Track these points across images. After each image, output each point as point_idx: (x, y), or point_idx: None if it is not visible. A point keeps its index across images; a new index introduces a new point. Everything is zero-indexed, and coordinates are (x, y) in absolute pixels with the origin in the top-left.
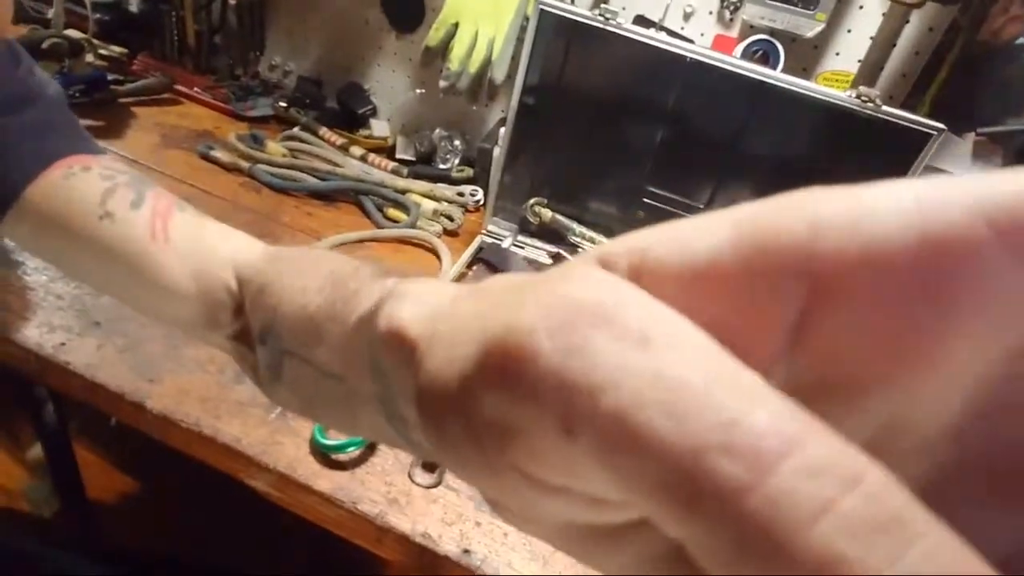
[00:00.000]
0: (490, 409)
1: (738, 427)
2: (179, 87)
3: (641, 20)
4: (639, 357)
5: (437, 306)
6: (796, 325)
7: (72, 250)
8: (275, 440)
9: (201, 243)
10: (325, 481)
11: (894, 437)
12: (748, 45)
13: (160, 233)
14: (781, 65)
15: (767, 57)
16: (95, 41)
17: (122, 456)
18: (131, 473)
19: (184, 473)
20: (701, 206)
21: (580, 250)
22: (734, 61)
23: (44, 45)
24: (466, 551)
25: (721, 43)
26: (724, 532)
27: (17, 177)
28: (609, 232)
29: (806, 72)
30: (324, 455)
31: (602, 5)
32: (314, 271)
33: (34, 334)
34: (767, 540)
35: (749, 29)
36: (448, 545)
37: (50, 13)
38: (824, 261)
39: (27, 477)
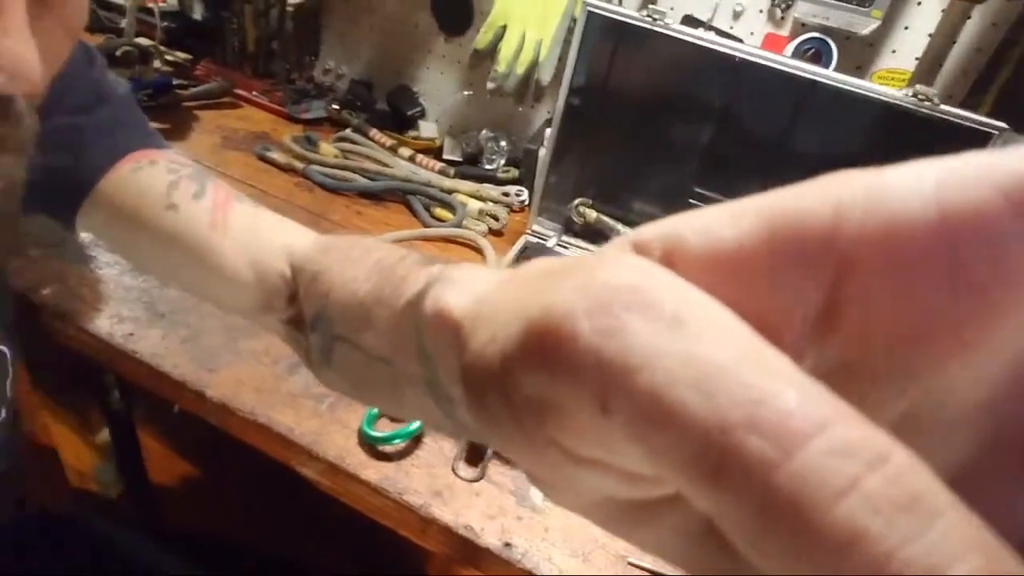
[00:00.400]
0: (530, 387)
1: (767, 406)
2: (238, 91)
3: (689, 20)
4: (672, 338)
5: (481, 290)
6: (824, 308)
7: (141, 239)
8: (325, 431)
9: (258, 233)
10: (372, 471)
11: (929, 413)
12: (800, 43)
13: (220, 223)
14: (834, 64)
15: (819, 55)
16: (162, 48)
17: (183, 443)
18: (191, 459)
19: (240, 460)
20: None
21: None
22: (784, 60)
23: (117, 53)
24: (507, 544)
25: (772, 42)
26: (750, 506)
27: (92, 171)
28: None
29: (860, 71)
30: (371, 446)
31: (650, 6)
32: (363, 260)
33: (105, 324)
34: (793, 515)
35: (801, 27)
36: (490, 538)
37: (123, 23)
38: (848, 241)
39: (96, 459)
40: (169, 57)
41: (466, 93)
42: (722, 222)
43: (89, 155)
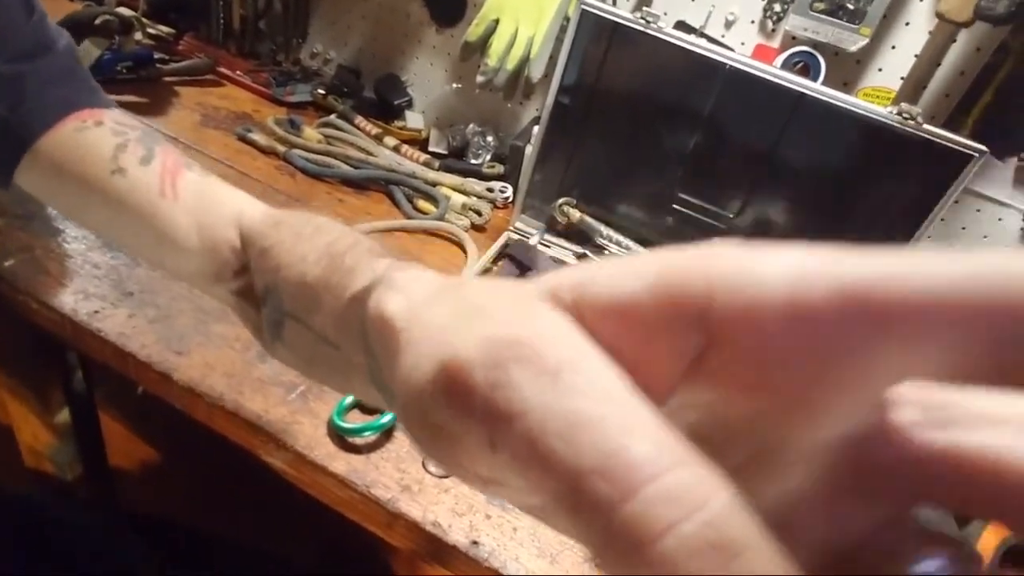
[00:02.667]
0: (438, 418)
1: (616, 457)
2: (222, 69)
3: (682, 26)
4: (550, 392)
5: (418, 304)
6: (695, 363)
7: (84, 202)
8: (295, 419)
9: (208, 201)
10: (340, 463)
11: (774, 452)
12: (789, 56)
13: (169, 190)
14: (822, 78)
15: (808, 69)
16: (144, 20)
17: (145, 426)
18: (152, 443)
19: (204, 446)
20: (731, 216)
21: (606, 252)
22: (774, 71)
23: (96, 21)
24: (474, 543)
25: (762, 53)
26: (597, 536)
27: (32, 125)
28: (637, 236)
29: (847, 86)
30: (341, 438)
31: (644, 8)
32: (314, 239)
33: (70, 300)
34: (625, 549)
35: (791, 40)
36: (457, 535)
37: None
38: (715, 315)
39: (53, 440)
40: (151, 30)
41: (455, 86)
42: (624, 278)
43: (29, 108)
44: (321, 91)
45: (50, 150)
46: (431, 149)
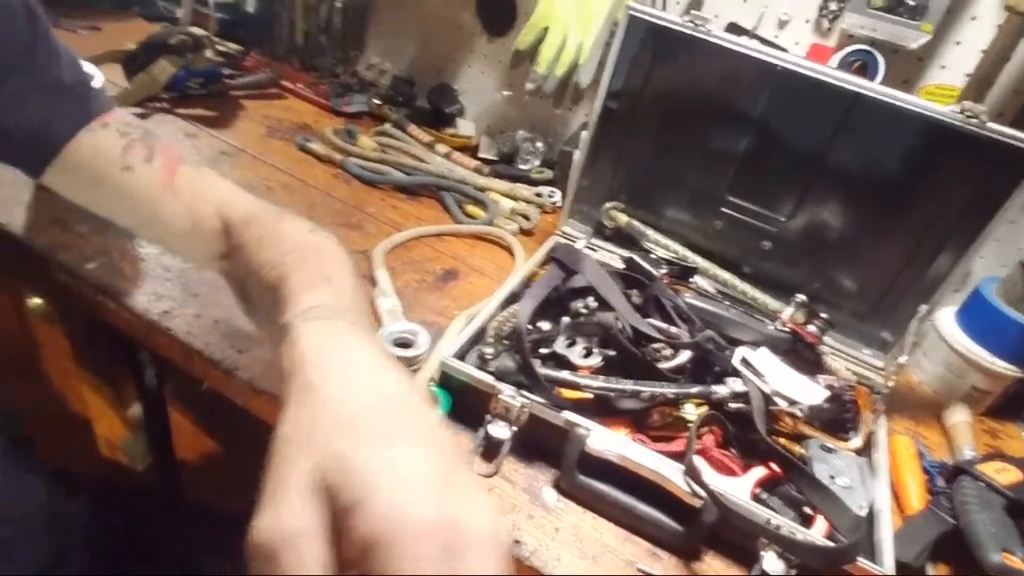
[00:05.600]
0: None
1: None
2: (284, 83)
3: (734, 28)
4: None
5: (295, 373)
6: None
7: (101, 196)
8: None
9: (199, 194)
10: None
11: None
12: (846, 55)
13: (168, 184)
14: (880, 77)
15: (865, 68)
16: (215, 39)
17: (208, 420)
18: (215, 437)
19: (262, 441)
20: (783, 219)
21: (652, 256)
22: (829, 71)
23: (172, 41)
24: (516, 542)
25: (817, 52)
26: None
27: (60, 133)
28: (685, 240)
29: (907, 85)
30: None
31: (693, 12)
32: (273, 245)
33: (142, 301)
34: None
35: (848, 39)
36: None
37: (179, 12)
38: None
39: (126, 432)
40: (221, 47)
41: (505, 93)
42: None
43: (58, 118)
44: (376, 101)
45: (71, 153)
46: (481, 155)
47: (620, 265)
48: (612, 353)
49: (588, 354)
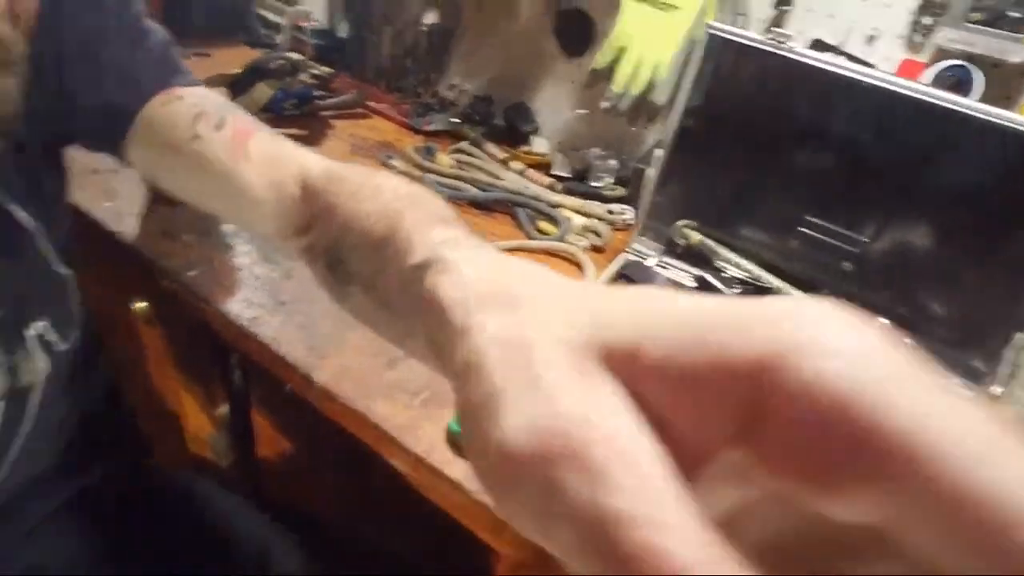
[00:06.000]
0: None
1: (657, 558)
2: (370, 103)
3: (819, 44)
4: (598, 493)
5: (472, 302)
6: (735, 434)
7: (172, 166)
8: (416, 425)
9: (275, 159)
10: (456, 469)
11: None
12: (940, 71)
13: (240, 150)
14: (978, 93)
15: (961, 84)
16: (309, 63)
17: (289, 423)
18: (294, 438)
19: (337, 444)
20: (866, 240)
21: (725, 275)
22: (921, 88)
23: (272, 66)
24: None
25: (908, 68)
26: None
27: (134, 103)
28: (759, 259)
29: (1009, 101)
30: (458, 445)
31: (775, 29)
32: (373, 196)
33: (235, 307)
34: None
35: (942, 54)
36: None
37: (279, 39)
38: (768, 387)
39: (213, 431)
40: (315, 71)
41: (580, 112)
42: (681, 344)
43: (135, 90)
44: (455, 120)
45: (144, 124)
46: (555, 172)
47: (691, 284)
48: None
49: None
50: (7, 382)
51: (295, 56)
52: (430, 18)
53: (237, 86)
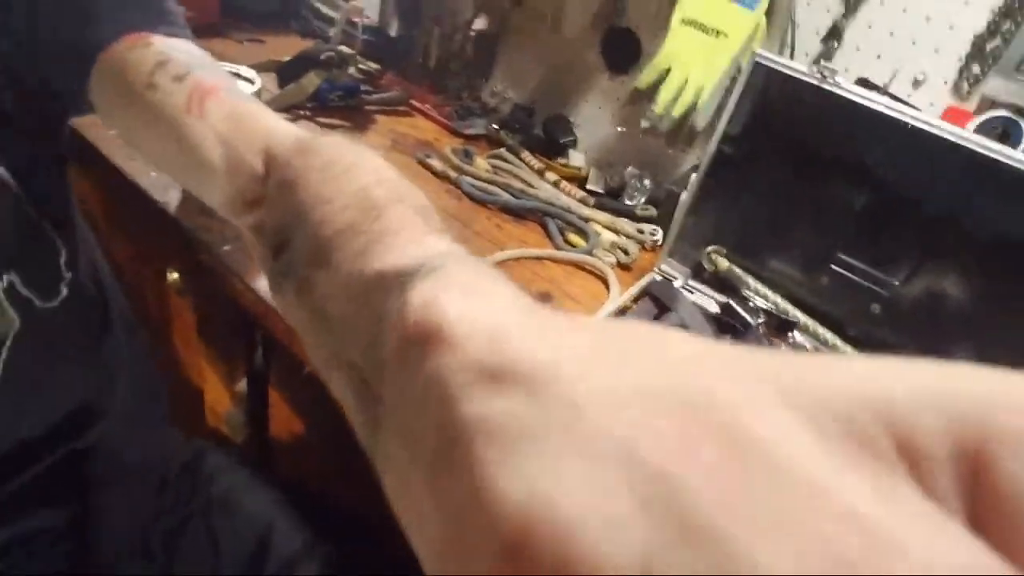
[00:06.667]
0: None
1: None
2: (413, 102)
3: (864, 83)
4: None
5: (494, 327)
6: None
7: (126, 115)
8: None
9: (238, 121)
10: None
11: None
12: (986, 120)
13: (196, 107)
14: None
15: (1007, 136)
16: (358, 57)
17: (304, 403)
18: (307, 419)
19: (350, 428)
20: (896, 283)
21: (751, 304)
22: (966, 135)
23: (321, 57)
24: None
25: (953, 115)
26: None
27: (96, 43)
28: (787, 293)
29: None
30: None
31: (822, 63)
32: (343, 181)
33: (264, 284)
34: None
35: (989, 104)
36: None
37: (331, 32)
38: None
39: (231, 406)
40: (362, 66)
41: (619, 129)
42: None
43: (96, 27)
44: (495, 126)
45: (105, 67)
46: (588, 187)
47: (715, 309)
48: None
49: None
50: None
51: (345, 50)
52: (479, 23)
53: (286, 73)
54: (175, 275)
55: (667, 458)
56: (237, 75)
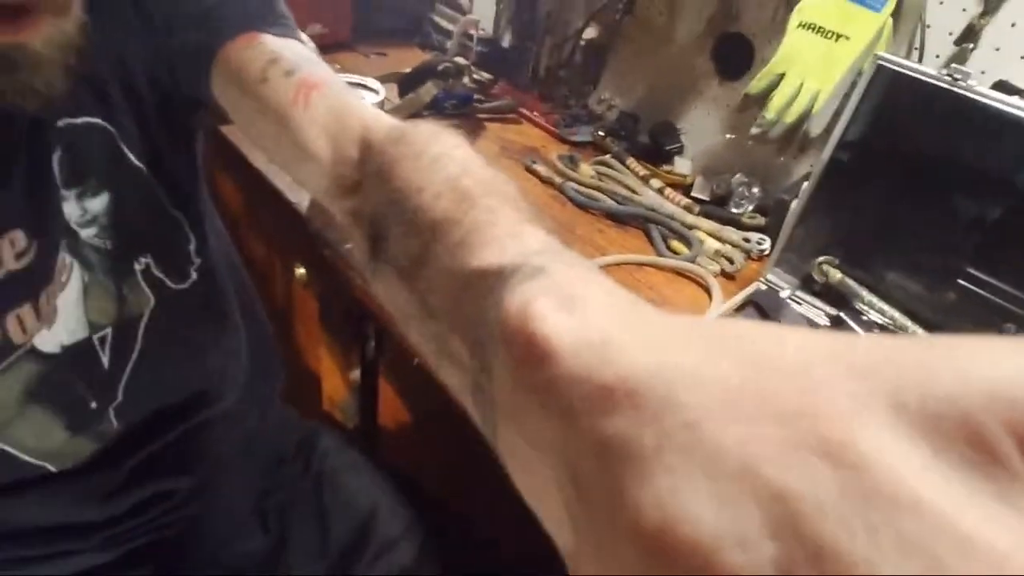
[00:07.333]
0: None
1: None
2: (522, 110)
3: (1003, 86)
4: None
5: (598, 329)
6: None
7: (242, 106)
8: None
9: (339, 113)
10: None
11: None
12: None
13: (302, 100)
14: None
15: None
16: (473, 68)
17: (412, 394)
18: (414, 409)
19: (455, 421)
20: None
21: (864, 318)
22: None
23: (439, 68)
24: None
25: None
26: None
27: (216, 44)
28: (906, 308)
29: None
30: None
31: (953, 65)
32: (434, 168)
33: None
34: None
35: None
36: None
37: (448, 44)
38: None
39: (345, 393)
40: (476, 76)
41: (728, 136)
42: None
43: (220, 30)
44: (601, 133)
45: (225, 61)
46: (694, 194)
47: (824, 322)
48: None
49: None
50: (116, 310)
51: (461, 61)
52: (590, 33)
53: (406, 84)
54: (302, 270)
55: (787, 476)
56: (363, 86)
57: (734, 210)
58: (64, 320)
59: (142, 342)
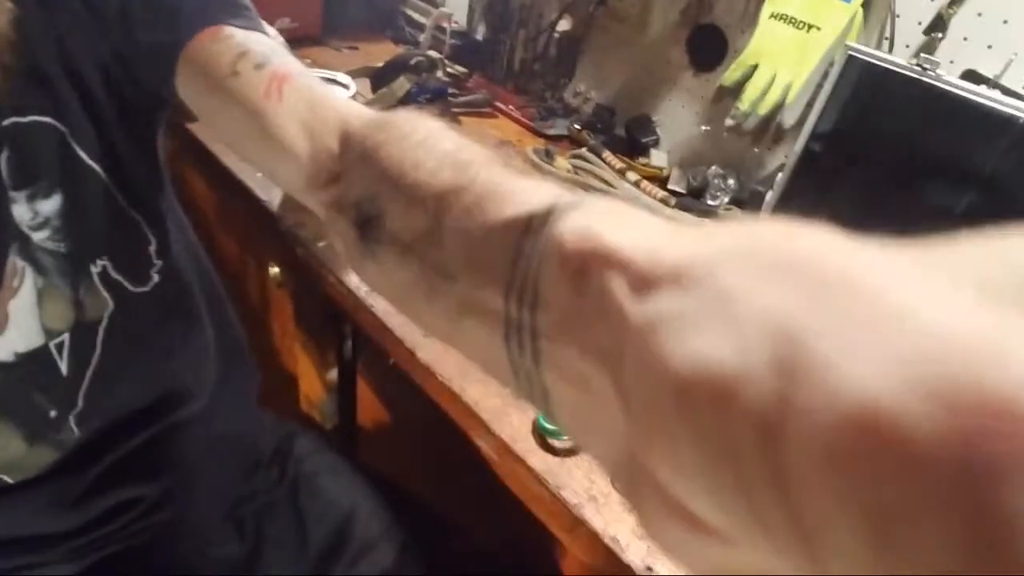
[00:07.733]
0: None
1: None
2: (498, 104)
3: (971, 75)
4: None
5: (662, 248)
6: None
7: (210, 103)
8: (505, 412)
9: (314, 105)
10: (537, 460)
11: None
12: None
13: (275, 92)
14: None
15: None
16: (446, 61)
17: (390, 394)
18: (392, 409)
19: (432, 420)
20: None
21: None
22: None
23: (412, 62)
24: (649, 568)
25: None
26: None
27: (180, 40)
28: None
29: None
30: (542, 436)
31: (923, 55)
32: (426, 147)
33: (354, 279)
34: None
35: None
36: (632, 556)
37: (421, 37)
38: None
39: (323, 393)
40: (450, 69)
41: (703, 128)
42: None
43: (182, 25)
44: (577, 126)
45: (190, 55)
46: (670, 187)
47: None
48: None
49: None
50: (74, 315)
51: (434, 54)
52: (563, 25)
53: (379, 78)
54: (276, 269)
55: (794, 315)
56: (334, 81)
57: (710, 202)
58: (17, 326)
59: (102, 347)
